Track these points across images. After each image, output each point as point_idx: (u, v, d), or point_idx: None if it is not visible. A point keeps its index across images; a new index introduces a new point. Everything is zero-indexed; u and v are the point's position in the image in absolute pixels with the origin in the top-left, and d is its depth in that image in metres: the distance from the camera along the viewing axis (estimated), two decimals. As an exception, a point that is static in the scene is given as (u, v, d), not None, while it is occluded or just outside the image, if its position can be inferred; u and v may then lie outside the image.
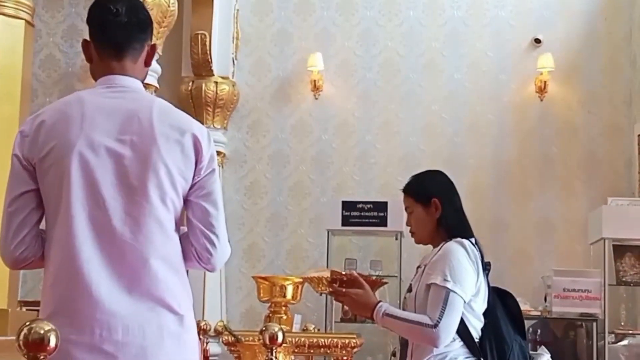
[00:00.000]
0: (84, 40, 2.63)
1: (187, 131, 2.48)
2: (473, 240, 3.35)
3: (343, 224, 7.45)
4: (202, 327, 7.97)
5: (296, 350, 4.09)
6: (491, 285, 3.40)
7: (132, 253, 2.38)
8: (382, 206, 7.30)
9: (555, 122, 8.44)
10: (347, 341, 4.12)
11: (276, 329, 2.82)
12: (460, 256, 3.22)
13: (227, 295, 8.38)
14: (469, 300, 3.21)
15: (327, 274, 3.52)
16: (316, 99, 8.61)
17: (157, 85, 6.35)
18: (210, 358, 7.25)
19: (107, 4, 2.56)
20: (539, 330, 6.84)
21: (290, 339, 4.02)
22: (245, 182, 8.64)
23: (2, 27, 5.36)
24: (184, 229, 2.54)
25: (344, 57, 8.68)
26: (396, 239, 7.37)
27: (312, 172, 8.57)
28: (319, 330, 4.49)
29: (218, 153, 8.42)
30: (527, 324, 7.01)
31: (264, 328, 2.83)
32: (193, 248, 2.50)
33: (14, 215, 2.47)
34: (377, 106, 8.62)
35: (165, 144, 2.43)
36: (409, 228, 3.55)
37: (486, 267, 3.35)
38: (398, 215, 6.76)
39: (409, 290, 3.38)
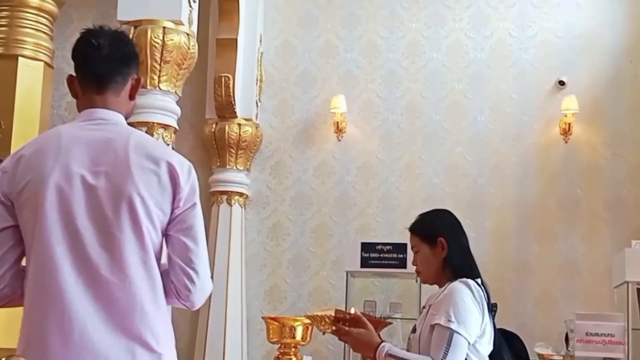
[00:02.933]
0: (69, 76, 2.63)
1: (162, 161, 2.44)
2: (479, 280, 3.30)
3: (362, 266, 7.39)
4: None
5: (305, 393, 4.04)
6: (499, 327, 3.34)
7: (107, 287, 2.35)
8: (401, 248, 7.25)
9: (580, 164, 8.36)
10: (355, 383, 4.05)
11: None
12: (465, 296, 3.17)
13: (249, 338, 8.33)
14: (474, 342, 3.16)
15: (332, 312, 3.48)
16: (339, 140, 8.62)
17: (177, 127, 6.37)
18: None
19: (90, 38, 2.57)
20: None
21: (298, 381, 3.97)
22: (267, 224, 8.63)
23: (21, 69, 5.47)
24: (165, 264, 2.50)
25: (367, 99, 8.70)
26: (416, 281, 7.30)
27: (334, 213, 8.55)
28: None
29: (240, 194, 8.45)
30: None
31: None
32: (172, 285, 2.46)
33: None
34: (400, 148, 8.60)
35: (140, 174, 2.40)
36: (415, 267, 3.51)
37: (492, 308, 3.29)
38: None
39: (413, 330, 3.33)
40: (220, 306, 8.16)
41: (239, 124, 8.43)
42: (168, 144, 6.27)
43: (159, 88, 6.19)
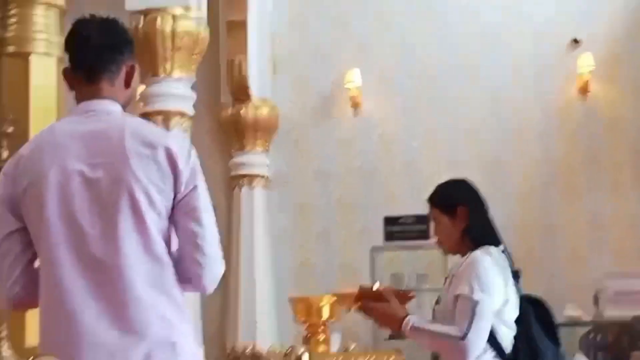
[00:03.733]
0: (64, 68, 2.60)
1: (159, 145, 2.39)
2: (501, 247, 3.28)
3: (386, 240, 7.38)
4: (252, 353, 8.01)
5: (336, 370, 4.05)
6: (524, 293, 3.32)
7: (115, 279, 2.33)
8: (424, 219, 7.20)
9: (601, 121, 8.30)
10: (385, 358, 4.07)
11: (301, 351, 2.77)
12: (487, 265, 3.16)
13: (279, 317, 8.36)
14: (499, 310, 3.15)
15: (355, 290, 3.48)
16: (356, 113, 8.59)
17: (192, 112, 6.37)
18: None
19: (80, 29, 2.55)
20: (593, 337, 6.65)
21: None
22: (290, 202, 8.65)
23: (33, 66, 5.44)
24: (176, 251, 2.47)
25: (382, 70, 8.65)
26: (441, 252, 7.26)
27: (356, 187, 8.54)
28: (357, 349, 4.42)
29: (262, 176, 8.44)
30: (581, 330, 6.87)
31: (289, 350, 2.79)
32: (182, 270, 2.43)
33: (4, 257, 2.44)
34: (418, 116, 8.57)
35: (138, 162, 2.36)
36: (435, 239, 3.50)
37: (516, 274, 3.28)
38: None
39: (437, 302, 3.33)
40: (250, 289, 8.18)
41: (255, 106, 8.42)
42: (185, 131, 6.28)
43: (172, 76, 6.19)
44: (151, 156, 2.38)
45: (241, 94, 8.37)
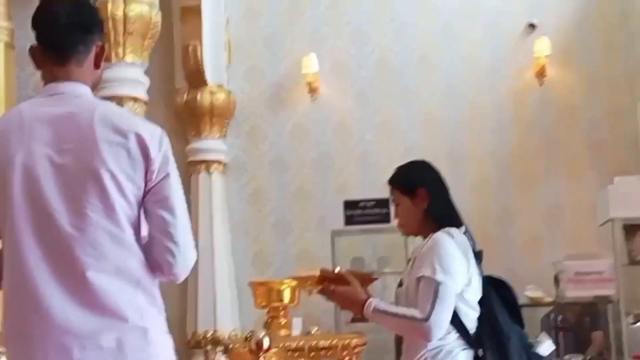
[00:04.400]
0: (31, 47, 2.52)
1: (129, 132, 2.34)
2: (463, 228, 3.25)
3: (346, 224, 7.35)
4: (213, 338, 7.95)
5: (296, 355, 4.00)
6: (486, 274, 3.30)
7: (82, 266, 2.28)
8: (384, 203, 7.18)
9: (557, 107, 8.32)
10: (347, 342, 4.03)
11: (261, 335, 2.72)
12: (449, 246, 3.13)
13: (240, 305, 8.29)
14: (462, 291, 3.12)
15: (316, 273, 3.43)
16: (313, 101, 8.53)
17: (146, 98, 6.26)
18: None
19: (48, 7, 2.47)
20: (554, 317, 6.70)
21: (289, 344, 3.93)
22: (247, 190, 8.57)
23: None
24: (146, 237, 2.43)
25: (338, 58, 8.60)
26: (402, 234, 7.23)
27: (314, 175, 8.48)
28: (319, 333, 4.38)
29: (219, 162, 8.36)
30: (542, 311, 6.91)
31: (249, 334, 2.73)
32: (154, 259, 2.39)
33: None
34: (374, 104, 8.53)
35: (108, 149, 2.32)
36: (396, 221, 3.46)
37: (478, 255, 3.25)
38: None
39: (400, 284, 3.29)
40: (209, 276, 8.11)
41: (211, 92, 8.32)
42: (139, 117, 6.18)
43: (125, 60, 6.08)
44: (121, 143, 2.33)
45: (197, 79, 8.26)
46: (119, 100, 6.06)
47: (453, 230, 3.20)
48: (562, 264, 6.70)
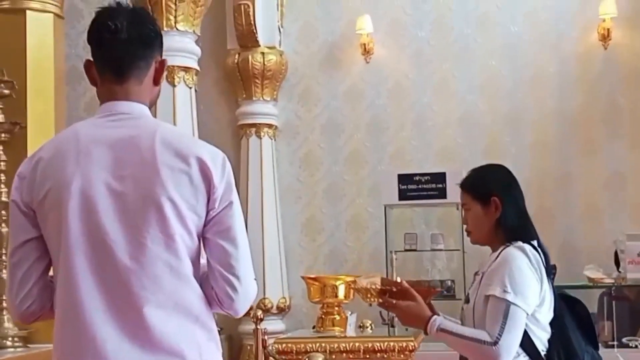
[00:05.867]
0: (87, 61, 2.36)
1: (191, 157, 2.19)
2: (535, 243, 3.03)
3: (400, 198, 7.14)
4: (264, 306, 7.88)
5: (351, 357, 3.85)
6: (560, 292, 3.09)
7: (139, 302, 2.14)
8: (440, 177, 6.97)
9: (622, 70, 7.95)
10: (404, 344, 3.86)
11: (319, 359, 2.55)
12: (521, 264, 2.92)
13: (288, 271, 8.19)
14: (533, 311, 2.92)
15: (377, 280, 3.26)
16: (367, 62, 8.28)
17: (198, 68, 6.08)
18: (272, 336, 7.09)
19: (106, 20, 2.28)
20: (611, 298, 6.47)
21: (344, 345, 3.78)
22: (299, 154, 8.39)
23: (30, 22, 5.22)
24: (205, 266, 2.29)
25: (394, 17, 8.31)
26: (457, 209, 7.05)
27: (367, 139, 8.27)
28: (372, 328, 4.22)
29: (269, 126, 8.18)
30: (599, 292, 6.68)
31: (306, 359, 2.57)
32: (214, 291, 2.25)
33: (17, 266, 2.26)
34: (431, 66, 8.25)
35: (170, 175, 2.16)
36: (465, 226, 3.25)
37: (551, 271, 3.04)
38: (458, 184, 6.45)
39: (467, 301, 3.10)
40: (258, 242, 8.00)
41: (263, 53, 8.11)
42: (190, 87, 6.02)
43: (177, 29, 5.90)
44: (184, 170, 2.18)
45: (248, 40, 8.04)
46: (170, 70, 5.90)
47: (525, 245, 2.99)
48: (624, 244, 6.44)
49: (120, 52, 2.28)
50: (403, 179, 7.15)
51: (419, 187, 7.08)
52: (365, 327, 4.26)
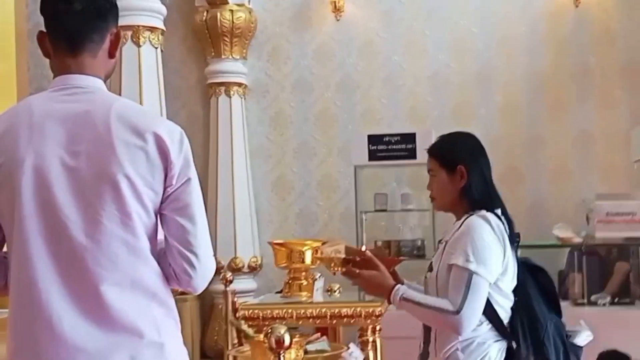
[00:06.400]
0: (39, 32, 2.30)
1: (148, 133, 2.15)
2: (499, 211, 3.02)
3: (370, 159, 7.11)
4: (235, 265, 7.89)
5: (318, 322, 3.85)
6: (522, 258, 3.09)
7: (95, 278, 2.11)
8: (410, 138, 6.95)
9: (592, 30, 7.92)
10: (371, 310, 3.86)
11: (282, 332, 2.54)
12: (484, 233, 2.92)
13: (260, 230, 8.18)
14: (496, 280, 2.92)
15: (342, 248, 3.25)
16: (337, 20, 8.20)
17: (164, 28, 5.99)
18: (243, 295, 7.11)
19: None
20: (580, 256, 6.50)
21: (311, 311, 3.78)
22: (269, 113, 8.33)
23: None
24: (162, 242, 2.27)
25: (365, -26, 8.22)
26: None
27: (337, 98, 8.22)
28: (341, 292, 4.22)
29: (239, 84, 8.11)
30: (567, 251, 6.72)
31: (269, 330, 2.56)
32: (171, 268, 2.23)
33: None
34: (402, 24, 8.18)
35: (125, 151, 2.13)
36: (429, 192, 3.24)
37: (515, 239, 3.04)
38: (427, 145, 6.42)
39: (430, 269, 3.09)
40: (228, 200, 7.99)
41: (231, 10, 8.01)
42: (156, 47, 5.94)
43: (141, -13, 5.80)
44: (140, 146, 2.14)
45: (216, -3, 7.94)
46: (136, 30, 5.82)
47: (489, 214, 2.98)
48: (593, 203, 6.45)
49: (74, 24, 2.23)
50: (373, 139, 7.12)
51: (388, 147, 7.06)
52: (333, 292, 4.25)
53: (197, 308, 8.04)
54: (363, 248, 3.17)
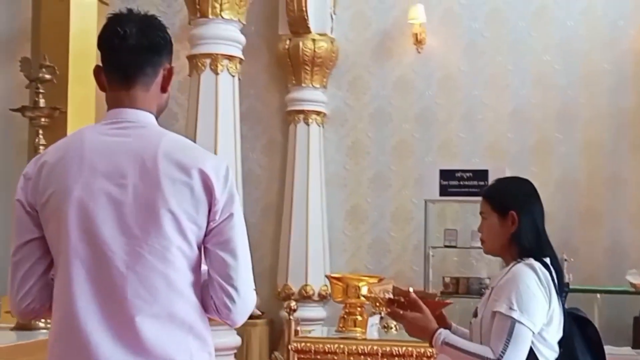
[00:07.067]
0: (96, 66, 2.37)
1: (193, 169, 2.19)
2: (548, 260, 2.98)
3: (441, 194, 7.08)
4: (306, 292, 7.93)
5: (368, 359, 3.85)
6: (570, 309, 3.03)
7: (132, 310, 2.16)
8: (482, 174, 6.89)
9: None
10: (422, 350, 3.84)
11: None
12: (530, 281, 2.87)
13: (332, 258, 8.21)
14: (540, 330, 2.87)
15: (390, 288, 3.24)
16: (419, 52, 8.20)
17: (242, 56, 6.10)
18: (312, 323, 7.14)
19: (115, 26, 2.29)
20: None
21: (362, 347, 3.78)
22: (346, 142, 8.38)
23: (74, 9, 5.27)
24: (205, 273, 2.31)
25: (447, 7, 8.22)
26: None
27: (415, 130, 8.22)
28: (397, 329, 4.20)
29: (317, 113, 8.18)
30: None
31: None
32: (212, 301, 2.27)
33: (18, 265, 2.30)
34: (484, 58, 8.14)
35: (170, 187, 2.17)
36: (479, 235, 3.22)
37: (564, 289, 2.98)
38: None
39: (475, 314, 3.06)
40: (302, 227, 8.04)
41: (313, 40, 8.11)
42: (233, 75, 6.04)
43: (221, 17, 5.93)
44: (185, 182, 2.19)
45: (300, 26, 8.05)
46: (214, 58, 5.93)
47: (536, 263, 2.93)
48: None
49: (127, 58, 2.28)
50: (445, 174, 7.09)
51: (460, 183, 7.01)
52: (389, 328, 4.24)
53: (267, 333, 8.10)
54: (410, 289, 3.14)
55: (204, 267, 2.31)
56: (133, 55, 2.28)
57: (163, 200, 2.17)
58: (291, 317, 5.25)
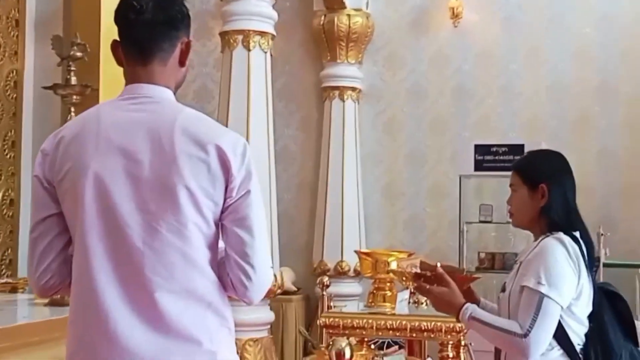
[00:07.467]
0: (113, 41, 2.35)
1: (210, 145, 2.17)
2: (578, 234, 2.92)
3: (476, 169, 7.01)
4: (341, 268, 7.92)
5: (397, 334, 3.82)
6: (600, 284, 2.98)
7: (151, 287, 2.16)
8: (518, 149, 6.78)
9: None
10: (451, 325, 3.80)
11: (343, 345, 2.53)
12: (559, 255, 2.82)
13: (367, 234, 8.19)
14: (569, 304, 2.83)
15: (417, 262, 3.21)
16: (455, 27, 8.11)
17: (274, 32, 6.06)
18: (347, 299, 7.15)
19: (131, 0, 2.26)
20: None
21: (391, 322, 3.76)
22: (382, 118, 8.33)
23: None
24: (223, 251, 2.30)
25: (485, -19, 8.10)
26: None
27: (452, 105, 8.14)
28: (428, 304, 4.16)
29: (353, 89, 8.14)
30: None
31: (330, 343, 2.55)
32: (229, 278, 2.25)
33: (37, 241, 2.30)
34: (521, 32, 8.03)
35: (187, 163, 2.15)
36: (508, 207, 3.17)
37: (594, 263, 2.93)
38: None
39: (503, 289, 3.02)
40: (337, 204, 8.03)
41: (349, 15, 8.06)
42: (265, 52, 6.01)
43: (253, -8, 5.89)
44: (202, 158, 2.17)
45: (334, 2, 7.99)
46: (246, 35, 5.91)
47: (565, 237, 2.88)
48: None
49: (143, 32, 2.26)
50: (480, 149, 7.02)
51: (495, 158, 6.94)
52: (420, 304, 4.21)
53: (302, 308, 8.11)
54: (438, 264, 3.11)
55: (221, 244, 2.30)
56: (149, 29, 2.26)
57: (179, 176, 2.15)
58: (324, 293, 5.25)
